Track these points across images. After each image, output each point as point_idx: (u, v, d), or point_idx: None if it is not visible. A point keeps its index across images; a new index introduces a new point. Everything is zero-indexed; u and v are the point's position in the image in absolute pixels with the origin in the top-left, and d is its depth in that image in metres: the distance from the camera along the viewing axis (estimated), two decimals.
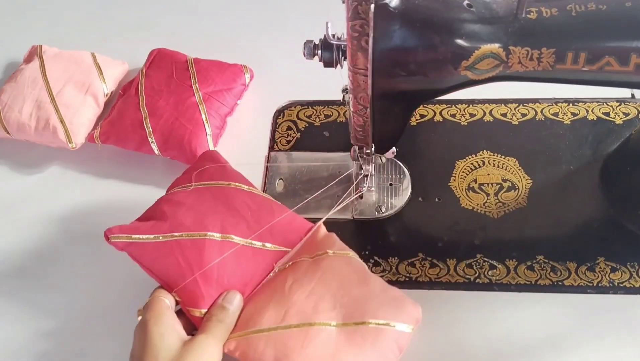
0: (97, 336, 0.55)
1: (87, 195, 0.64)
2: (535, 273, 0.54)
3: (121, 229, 0.50)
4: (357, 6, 0.40)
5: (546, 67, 0.43)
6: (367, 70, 0.43)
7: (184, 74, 0.67)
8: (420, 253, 0.56)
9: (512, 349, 0.51)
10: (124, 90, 0.69)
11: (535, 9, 0.42)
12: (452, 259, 0.55)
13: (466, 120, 0.65)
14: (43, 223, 0.62)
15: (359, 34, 0.41)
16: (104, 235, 0.50)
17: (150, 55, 0.71)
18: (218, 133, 0.65)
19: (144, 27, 0.80)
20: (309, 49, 0.47)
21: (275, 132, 0.67)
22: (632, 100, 0.65)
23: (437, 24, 0.42)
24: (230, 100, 0.67)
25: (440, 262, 0.55)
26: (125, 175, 0.65)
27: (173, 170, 0.64)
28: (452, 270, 0.55)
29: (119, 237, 0.50)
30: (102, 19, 0.82)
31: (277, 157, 0.64)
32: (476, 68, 0.43)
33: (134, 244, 0.50)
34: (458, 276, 0.54)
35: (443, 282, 0.54)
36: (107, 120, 0.66)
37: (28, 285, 0.58)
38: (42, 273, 0.59)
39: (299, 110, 0.68)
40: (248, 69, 0.69)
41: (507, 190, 0.59)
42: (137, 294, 0.56)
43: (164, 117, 0.64)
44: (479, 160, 0.62)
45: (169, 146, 0.63)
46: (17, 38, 0.80)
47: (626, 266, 0.54)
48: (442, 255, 0.56)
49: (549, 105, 0.65)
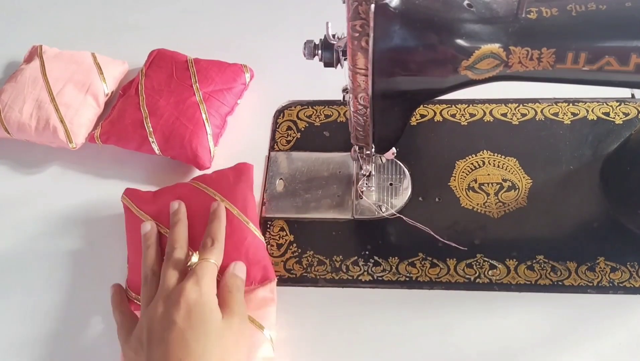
0: (97, 336, 0.55)
1: (87, 195, 0.64)
2: (535, 273, 0.54)
3: (133, 194, 0.58)
4: (357, 6, 0.40)
5: (546, 67, 0.43)
6: (367, 70, 0.43)
7: (184, 73, 0.67)
8: (420, 253, 0.56)
9: (512, 349, 0.51)
10: (124, 90, 0.69)
11: (535, 9, 0.42)
12: (452, 259, 0.55)
13: (466, 120, 0.65)
14: (43, 223, 0.62)
15: (359, 33, 0.41)
16: (124, 193, 0.58)
17: (150, 55, 0.71)
18: (219, 132, 0.65)
19: (144, 27, 0.80)
20: (309, 48, 0.47)
21: (275, 132, 0.67)
22: (632, 100, 0.65)
23: (437, 23, 0.42)
24: (231, 99, 0.67)
25: (441, 262, 0.55)
26: (126, 174, 0.65)
27: (173, 169, 0.65)
28: (452, 269, 0.55)
29: (126, 199, 0.58)
30: (101, 19, 0.82)
31: (277, 157, 0.64)
32: (476, 68, 0.43)
33: (130, 211, 0.57)
34: (458, 276, 0.54)
35: (443, 282, 0.54)
36: (108, 120, 0.66)
37: (28, 285, 0.58)
38: (42, 273, 0.59)
39: (299, 110, 0.68)
40: (248, 69, 0.69)
41: (507, 190, 0.59)
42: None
43: (165, 116, 0.64)
44: (479, 160, 0.62)
45: (170, 145, 0.63)
46: (18, 38, 0.80)
47: (626, 266, 0.54)
48: (442, 254, 0.56)
49: (549, 105, 0.65)
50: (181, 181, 0.61)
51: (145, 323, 0.46)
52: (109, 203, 0.62)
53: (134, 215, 0.56)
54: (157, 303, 0.46)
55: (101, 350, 0.54)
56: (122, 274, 0.57)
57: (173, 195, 0.57)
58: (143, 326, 0.46)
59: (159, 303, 0.46)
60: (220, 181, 0.57)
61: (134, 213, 0.56)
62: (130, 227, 0.57)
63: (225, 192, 0.56)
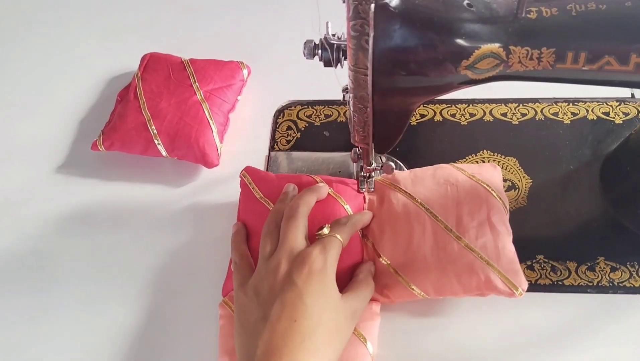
0: (97, 336, 0.55)
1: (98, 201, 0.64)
2: (535, 272, 0.54)
3: (253, 172, 0.57)
4: (357, 6, 0.40)
5: (546, 66, 0.43)
6: (367, 69, 0.43)
7: (182, 74, 0.67)
8: None
9: (512, 349, 0.51)
10: (121, 95, 0.69)
11: (535, 9, 0.42)
12: None
13: (466, 120, 0.65)
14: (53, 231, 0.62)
15: (359, 33, 0.41)
16: (245, 170, 0.57)
17: (142, 60, 0.70)
18: (223, 129, 0.66)
19: (135, 30, 0.80)
20: (309, 48, 0.47)
21: (275, 131, 0.67)
22: (632, 100, 0.65)
23: (437, 23, 0.42)
24: (231, 96, 0.67)
25: None
26: (135, 178, 0.65)
27: (180, 169, 0.65)
28: None
29: (246, 176, 0.57)
30: (89, 23, 0.82)
31: (277, 156, 0.64)
32: (476, 68, 0.43)
33: (247, 188, 0.56)
34: None
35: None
36: (109, 126, 0.66)
37: (28, 285, 0.58)
38: (42, 273, 0.59)
39: (299, 110, 0.68)
40: (245, 65, 0.70)
41: (507, 189, 0.59)
42: (137, 295, 0.57)
43: (168, 117, 0.64)
44: (479, 160, 0.62)
45: (177, 146, 0.63)
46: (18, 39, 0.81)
47: (626, 266, 0.54)
48: None
49: (548, 105, 0.65)
50: (186, 181, 0.62)
51: (265, 276, 0.46)
52: (133, 208, 0.63)
53: (250, 192, 0.56)
54: (280, 260, 0.46)
55: (101, 350, 0.54)
56: (122, 274, 0.57)
57: (294, 181, 0.56)
58: (262, 279, 0.46)
59: (282, 261, 0.46)
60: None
61: (250, 190, 0.56)
62: (244, 204, 0.56)
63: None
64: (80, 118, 0.72)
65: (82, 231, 0.62)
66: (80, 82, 0.75)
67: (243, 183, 0.57)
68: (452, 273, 0.49)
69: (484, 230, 0.51)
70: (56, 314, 0.56)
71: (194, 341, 0.53)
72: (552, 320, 0.52)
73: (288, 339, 0.42)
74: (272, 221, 0.51)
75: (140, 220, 0.62)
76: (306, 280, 0.44)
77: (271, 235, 0.50)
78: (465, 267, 0.49)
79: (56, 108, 0.73)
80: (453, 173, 0.56)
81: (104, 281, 0.58)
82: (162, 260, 0.59)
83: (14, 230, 0.62)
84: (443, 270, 0.49)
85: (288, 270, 0.45)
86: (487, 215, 0.52)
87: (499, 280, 0.48)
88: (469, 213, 0.52)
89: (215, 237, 0.59)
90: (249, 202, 0.56)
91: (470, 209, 0.52)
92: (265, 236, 0.50)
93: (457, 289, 0.49)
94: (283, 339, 0.42)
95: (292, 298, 0.43)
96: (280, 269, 0.46)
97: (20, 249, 0.61)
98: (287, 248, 0.47)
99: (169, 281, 0.57)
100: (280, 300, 0.44)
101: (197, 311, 0.55)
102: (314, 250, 0.46)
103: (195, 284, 0.57)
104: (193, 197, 0.63)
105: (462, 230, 0.51)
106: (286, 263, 0.46)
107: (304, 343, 0.42)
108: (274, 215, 0.51)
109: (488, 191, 0.54)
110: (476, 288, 0.49)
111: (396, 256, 0.52)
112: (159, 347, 0.53)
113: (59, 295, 0.57)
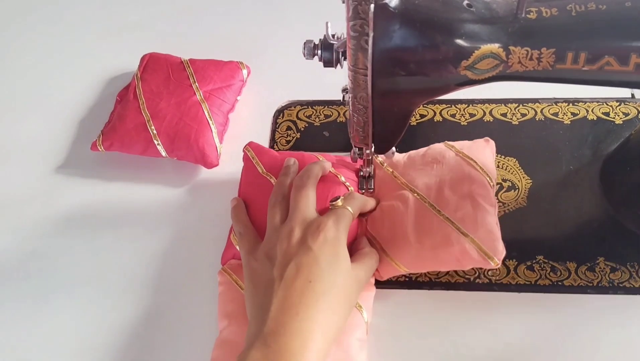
0: (97, 336, 0.55)
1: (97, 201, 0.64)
2: (535, 273, 0.54)
3: (256, 147, 0.59)
4: (357, 6, 0.40)
5: (546, 67, 0.43)
6: (367, 70, 0.43)
7: (182, 74, 0.67)
8: None
9: (512, 349, 0.51)
10: (121, 96, 0.69)
11: (535, 9, 0.42)
12: None
13: (466, 120, 0.65)
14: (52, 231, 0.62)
15: (359, 33, 0.41)
16: (248, 144, 0.59)
17: (142, 60, 0.70)
18: (222, 130, 0.66)
19: (135, 30, 0.80)
20: (309, 49, 0.47)
21: (275, 132, 0.67)
22: (632, 100, 0.65)
23: (437, 23, 0.42)
24: (231, 96, 0.67)
25: None
26: (134, 179, 0.65)
27: (180, 170, 0.64)
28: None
29: (249, 151, 0.59)
30: (89, 23, 0.82)
31: None
32: (476, 68, 0.43)
33: (250, 162, 0.58)
34: (458, 276, 0.54)
35: (443, 282, 0.54)
36: (108, 126, 0.66)
37: (28, 285, 0.58)
38: (42, 273, 0.59)
39: (299, 110, 0.68)
40: (244, 65, 0.70)
41: (507, 190, 0.59)
42: (136, 295, 0.57)
43: (168, 118, 0.64)
44: None
45: (176, 146, 0.63)
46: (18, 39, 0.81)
47: (626, 266, 0.54)
48: None
49: (548, 105, 0.65)
50: (186, 181, 0.62)
51: (277, 242, 0.48)
52: (129, 208, 0.63)
53: (252, 166, 0.58)
54: (293, 227, 0.48)
55: (101, 350, 0.54)
56: (122, 274, 0.57)
57: (296, 157, 0.57)
58: (275, 244, 0.48)
59: (295, 227, 0.48)
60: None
61: (254, 164, 0.57)
62: (246, 178, 0.58)
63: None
64: (79, 118, 0.72)
65: (82, 231, 0.62)
66: (79, 82, 0.75)
67: (246, 157, 0.59)
68: (429, 246, 0.51)
69: (464, 203, 0.52)
70: (56, 314, 0.56)
71: (194, 341, 0.53)
72: (551, 321, 0.52)
73: (303, 297, 0.44)
74: (278, 193, 0.53)
75: (140, 220, 0.62)
76: (321, 246, 0.46)
77: (280, 205, 0.52)
78: (442, 239, 0.51)
79: (56, 108, 0.73)
80: (442, 151, 0.58)
81: (103, 281, 0.58)
82: (162, 260, 0.59)
83: (14, 230, 0.62)
84: (422, 244, 0.51)
85: (303, 236, 0.47)
86: (468, 189, 0.53)
87: (474, 250, 0.49)
88: (450, 188, 0.54)
89: (215, 237, 0.59)
90: (252, 175, 0.57)
91: (453, 184, 0.54)
92: (273, 206, 0.52)
93: (435, 262, 0.51)
94: (299, 297, 0.44)
95: (308, 261, 0.45)
96: (294, 235, 0.47)
97: (20, 249, 0.61)
98: (299, 216, 0.49)
99: (168, 282, 0.57)
100: (295, 263, 0.45)
101: (197, 311, 0.55)
102: (329, 220, 0.48)
103: (195, 284, 0.57)
104: (193, 198, 0.63)
105: (443, 204, 0.53)
106: (300, 230, 0.48)
107: (318, 303, 0.44)
108: (279, 187, 0.53)
109: (472, 166, 0.55)
110: (454, 259, 0.50)
111: (382, 233, 0.54)
112: (159, 347, 0.54)
113: (59, 295, 0.57)
